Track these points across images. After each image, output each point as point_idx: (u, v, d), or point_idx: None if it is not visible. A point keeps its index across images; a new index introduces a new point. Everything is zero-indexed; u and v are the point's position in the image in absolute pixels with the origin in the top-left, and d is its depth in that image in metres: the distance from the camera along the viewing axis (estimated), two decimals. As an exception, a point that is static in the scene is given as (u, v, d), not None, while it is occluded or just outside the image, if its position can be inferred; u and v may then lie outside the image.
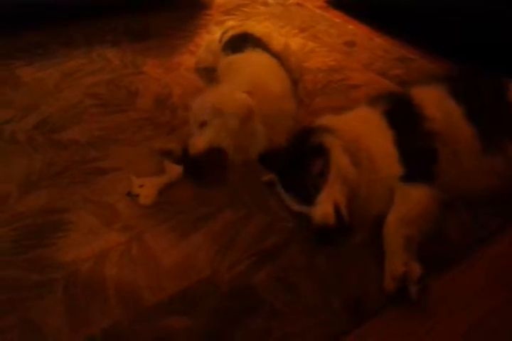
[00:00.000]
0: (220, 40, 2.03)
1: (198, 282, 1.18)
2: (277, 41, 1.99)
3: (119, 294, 1.14)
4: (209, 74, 2.03)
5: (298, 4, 2.98)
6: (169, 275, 1.19)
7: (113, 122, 1.75)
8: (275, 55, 1.86)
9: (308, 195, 1.25)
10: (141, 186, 1.39)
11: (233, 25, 2.14)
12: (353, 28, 2.64)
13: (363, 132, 1.36)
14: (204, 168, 1.48)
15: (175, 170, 1.47)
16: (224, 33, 2.06)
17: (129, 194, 1.39)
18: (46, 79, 2.02)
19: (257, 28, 2.07)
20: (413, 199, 1.28)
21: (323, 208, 1.19)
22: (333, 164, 1.25)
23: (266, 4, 2.97)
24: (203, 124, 1.47)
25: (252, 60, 1.78)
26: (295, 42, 2.38)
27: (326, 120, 1.43)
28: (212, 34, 2.20)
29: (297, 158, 1.31)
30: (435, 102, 1.40)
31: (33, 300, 1.12)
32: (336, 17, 2.79)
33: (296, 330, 1.08)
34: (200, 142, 1.44)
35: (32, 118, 1.76)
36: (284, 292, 1.16)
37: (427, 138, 1.35)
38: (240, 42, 1.88)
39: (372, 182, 1.30)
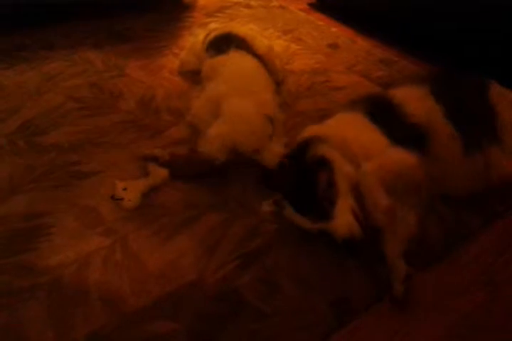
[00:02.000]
0: (204, 42, 2.02)
1: (183, 285, 1.17)
2: (261, 43, 1.99)
3: (103, 298, 1.13)
4: (193, 76, 2.02)
5: (281, 7, 3.00)
6: (154, 279, 1.18)
7: (96, 125, 1.74)
8: (258, 56, 1.86)
9: (323, 211, 1.22)
10: (124, 189, 1.38)
11: (216, 27, 2.14)
12: (336, 31, 2.66)
13: (353, 135, 1.36)
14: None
15: (159, 173, 1.46)
16: (207, 34, 2.05)
17: (112, 197, 1.38)
18: (27, 82, 1.99)
19: (241, 29, 2.07)
20: (395, 156, 1.28)
21: (345, 219, 1.17)
22: (338, 174, 1.24)
23: (249, 6, 2.98)
24: None
25: (236, 62, 1.78)
26: (278, 45, 2.39)
27: (314, 130, 1.42)
28: (196, 36, 2.20)
29: (302, 175, 1.28)
30: (415, 101, 1.42)
31: (16, 305, 1.11)
32: (319, 19, 2.81)
33: (281, 332, 1.08)
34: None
35: (13, 121, 1.73)
36: (269, 294, 1.16)
37: (413, 128, 1.36)
38: (224, 43, 1.88)
39: None
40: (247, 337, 1.07)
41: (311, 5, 3.05)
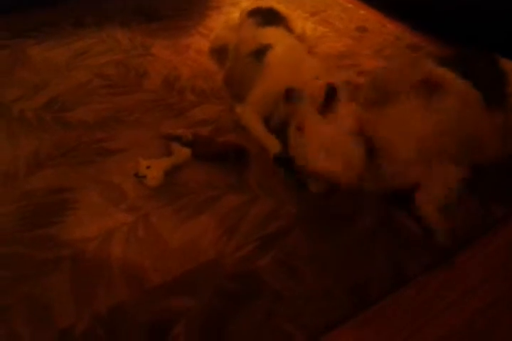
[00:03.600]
0: (242, 15, 1.97)
1: (203, 264, 1.19)
2: (298, 24, 1.95)
3: (125, 273, 1.16)
4: (220, 56, 2.01)
5: (310, -12, 2.94)
6: (174, 256, 1.21)
7: (121, 103, 1.75)
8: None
9: None
10: (148, 167, 1.39)
11: (247, 6, 2.10)
12: (365, 14, 2.60)
13: None
14: None
15: (183, 152, 1.47)
16: (242, 10, 2.01)
17: (136, 175, 1.39)
18: (56, 58, 2.01)
19: (280, 7, 2.02)
20: None
21: None
22: None
23: (278, -13, 2.93)
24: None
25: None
26: (306, 27, 2.35)
27: None
28: (229, 14, 2.17)
29: None
30: None
31: (40, 277, 1.14)
32: (348, 2, 2.75)
33: (297, 315, 1.09)
34: None
35: (41, 97, 1.76)
36: (287, 277, 1.17)
37: None
38: (269, 15, 1.84)
39: None
40: (263, 317, 1.08)
41: (341, -13, 2.97)
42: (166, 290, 1.12)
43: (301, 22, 2.09)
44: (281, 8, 1.96)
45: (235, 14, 2.06)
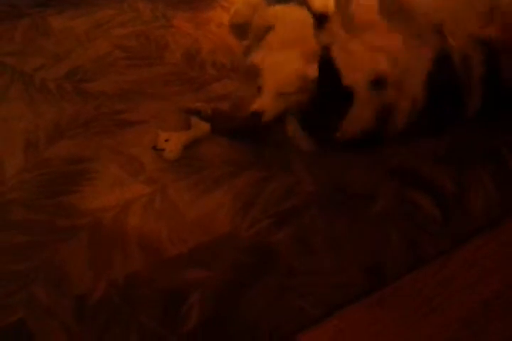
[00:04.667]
0: None
1: (218, 237, 1.20)
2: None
3: (141, 244, 1.17)
4: (241, 30, 1.97)
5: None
6: (190, 228, 1.21)
7: (141, 75, 1.74)
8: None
9: None
10: (166, 140, 1.39)
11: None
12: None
13: None
14: None
15: (202, 127, 1.47)
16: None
17: (154, 148, 1.39)
18: (77, 28, 2.00)
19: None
20: None
21: None
22: None
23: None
24: None
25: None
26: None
27: None
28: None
29: None
30: None
31: (59, 243, 1.16)
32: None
33: (310, 290, 1.09)
34: None
35: (62, 66, 1.76)
36: (301, 253, 1.17)
37: None
38: None
39: None
40: (277, 291, 1.08)
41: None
42: (181, 261, 1.14)
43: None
44: None
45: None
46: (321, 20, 1.40)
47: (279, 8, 1.70)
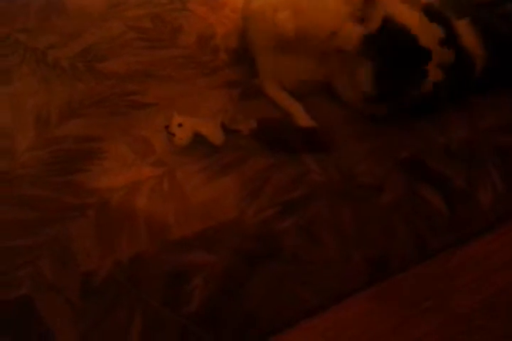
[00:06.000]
0: None
1: (224, 223, 1.20)
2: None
3: (148, 225, 1.18)
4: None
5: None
6: (196, 212, 1.22)
7: (154, 57, 1.74)
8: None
9: None
10: (180, 125, 1.37)
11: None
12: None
13: None
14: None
15: (218, 136, 1.40)
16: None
17: (166, 128, 1.38)
18: (91, 7, 1.99)
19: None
20: None
21: None
22: None
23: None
24: None
25: None
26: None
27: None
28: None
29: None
30: None
31: (66, 221, 1.17)
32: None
33: (313, 279, 1.10)
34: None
35: (75, 45, 1.76)
36: (306, 241, 1.18)
37: None
38: None
39: None
40: (279, 278, 1.09)
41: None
42: (186, 244, 1.14)
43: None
44: None
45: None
46: None
47: None
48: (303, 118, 1.47)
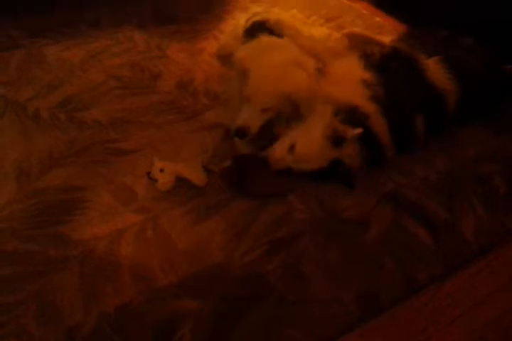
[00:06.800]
0: (245, 27, 1.99)
1: (210, 267, 1.19)
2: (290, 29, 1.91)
3: (133, 273, 1.16)
4: (229, 61, 2.01)
5: (326, -6, 2.94)
6: (182, 258, 1.21)
7: (135, 104, 1.76)
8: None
9: None
10: (161, 170, 1.39)
11: (259, 11, 2.11)
12: (380, 21, 2.60)
13: None
14: None
15: (200, 178, 1.42)
16: (249, 19, 2.02)
17: (148, 174, 1.39)
18: (71, 58, 2.03)
19: (282, 15, 2.02)
20: None
21: None
22: None
23: (294, -8, 2.94)
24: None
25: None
26: (321, 32, 2.34)
27: None
28: (237, 20, 2.18)
29: None
30: None
31: (49, 274, 1.15)
32: (364, 8, 2.75)
33: (304, 320, 1.09)
34: None
35: (56, 96, 1.77)
36: (295, 282, 1.17)
37: None
38: (258, 29, 1.84)
39: None
40: (269, 322, 1.08)
41: (356, -7, 2.98)
42: (172, 292, 1.13)
43: (308, 27, 2.06)
44: (280, 17, 1.93)
45: (241, 21, 2.06)
46: None
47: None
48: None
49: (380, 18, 2.63)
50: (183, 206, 1.35)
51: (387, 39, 1.89)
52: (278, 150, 1.38)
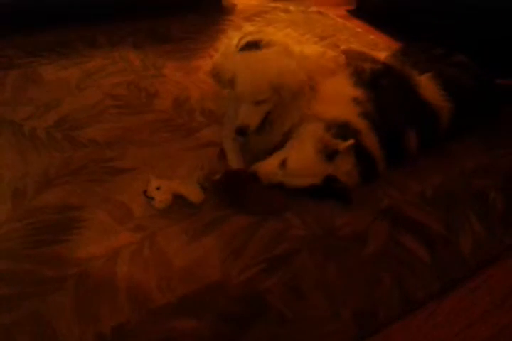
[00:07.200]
0: (237, 46, 2.02)
1: (208, 285, 1.18)
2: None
3: (129, 293, 1.15)
4: (222, 79, 2.03)
5: (319, 12, 2.99)
6: (179, 276, 1.20)
7: (131, 123, 1.77)
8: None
9: None
10: (158, 188, 1.38)
11: (252, 30, 2.14)
12: (374, 38, 2.64)
13: None
14: None
15: (196, 194, 1.42)
16: (241, 38, 2.05)
17: (144, 193, 1.39)
18: (68, 78, 2.05)
19: (276, 35, 2.06)
20: None
21: None
22: None
23: (287, 11, 2.99)
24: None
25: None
26: (315, 51, 2.37)
27: None
28: (230, 39, 2.21)
29: None
30: None
31: (45, 294, 1.14)
32: (358, 26, 2.80)
33: (303, 338, 1.08)
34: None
35: (52, 115, 1.78)
36: (293, 300, 1.16)
37: None
38: (251, 48, 1.86)
39: None
40: (268, 340, 1.07)
41: (349, 11, 3.04)
42: (170, 311, 1.12)
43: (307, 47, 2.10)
44: (273, 37, 1.95)
45: (235, 40, 2.08)
46: None
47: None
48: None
49: (374, 36, 2.67)
50: (179, 223, 1.35)
51: (383, 55, 1.91)
52: (267, 164, 1.40)
